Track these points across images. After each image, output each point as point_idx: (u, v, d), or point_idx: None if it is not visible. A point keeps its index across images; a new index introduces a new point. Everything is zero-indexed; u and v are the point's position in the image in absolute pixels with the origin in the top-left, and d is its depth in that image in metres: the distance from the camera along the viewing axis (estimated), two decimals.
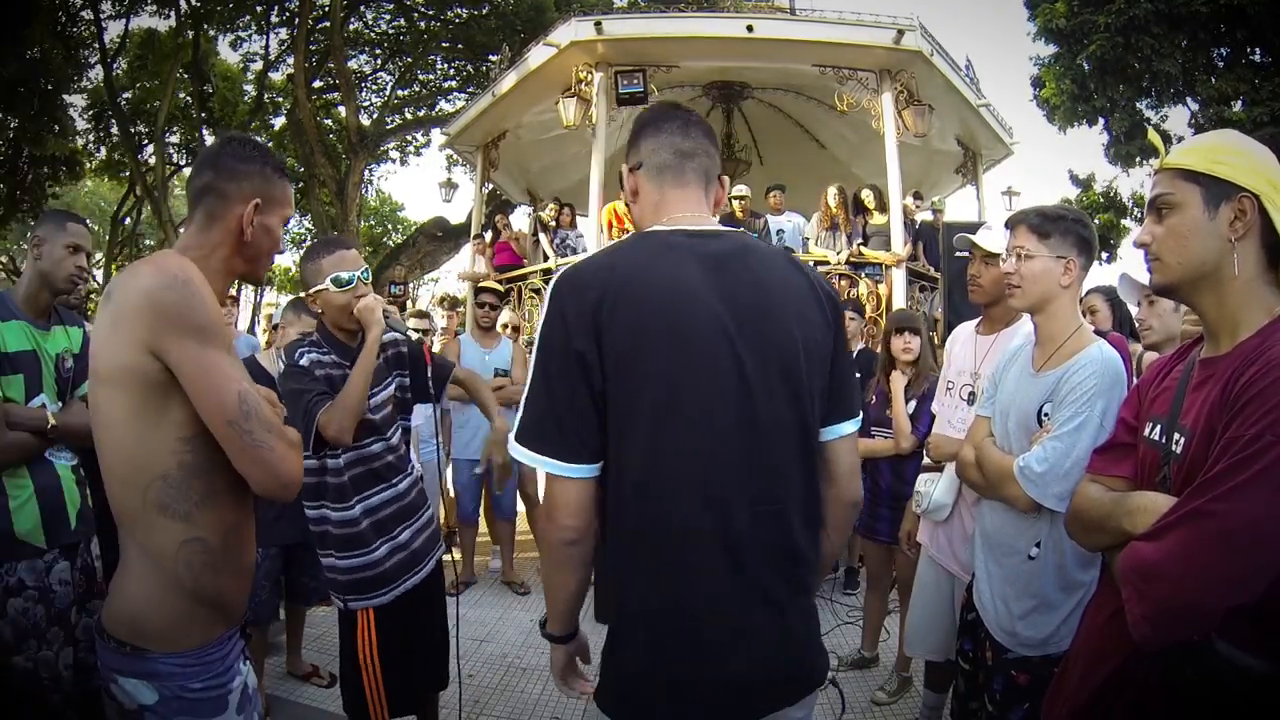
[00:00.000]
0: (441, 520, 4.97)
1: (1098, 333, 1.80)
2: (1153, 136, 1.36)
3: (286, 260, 30.10)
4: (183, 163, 18.14)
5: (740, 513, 1.12)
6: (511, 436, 1.15)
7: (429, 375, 2.27)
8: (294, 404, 1.92)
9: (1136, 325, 2.57)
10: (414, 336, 2.29)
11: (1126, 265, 15.86)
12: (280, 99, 17.95)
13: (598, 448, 1.12)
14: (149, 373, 1.15)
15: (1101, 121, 13.92)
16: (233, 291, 5.23)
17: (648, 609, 1.14)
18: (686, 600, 1.12)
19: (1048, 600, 1.62)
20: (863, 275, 6.44)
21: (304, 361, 2.02)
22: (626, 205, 1.37)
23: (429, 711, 2.39)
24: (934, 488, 2.28)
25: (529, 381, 1.13)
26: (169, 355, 1.14)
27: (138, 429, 1.17)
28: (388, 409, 2.15)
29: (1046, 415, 1.65)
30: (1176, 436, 1.15)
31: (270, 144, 19.45)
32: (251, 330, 8.68)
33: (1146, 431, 1.24)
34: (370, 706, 2.06)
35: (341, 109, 16.76)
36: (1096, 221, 14.58)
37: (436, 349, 5.30)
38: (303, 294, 2.13)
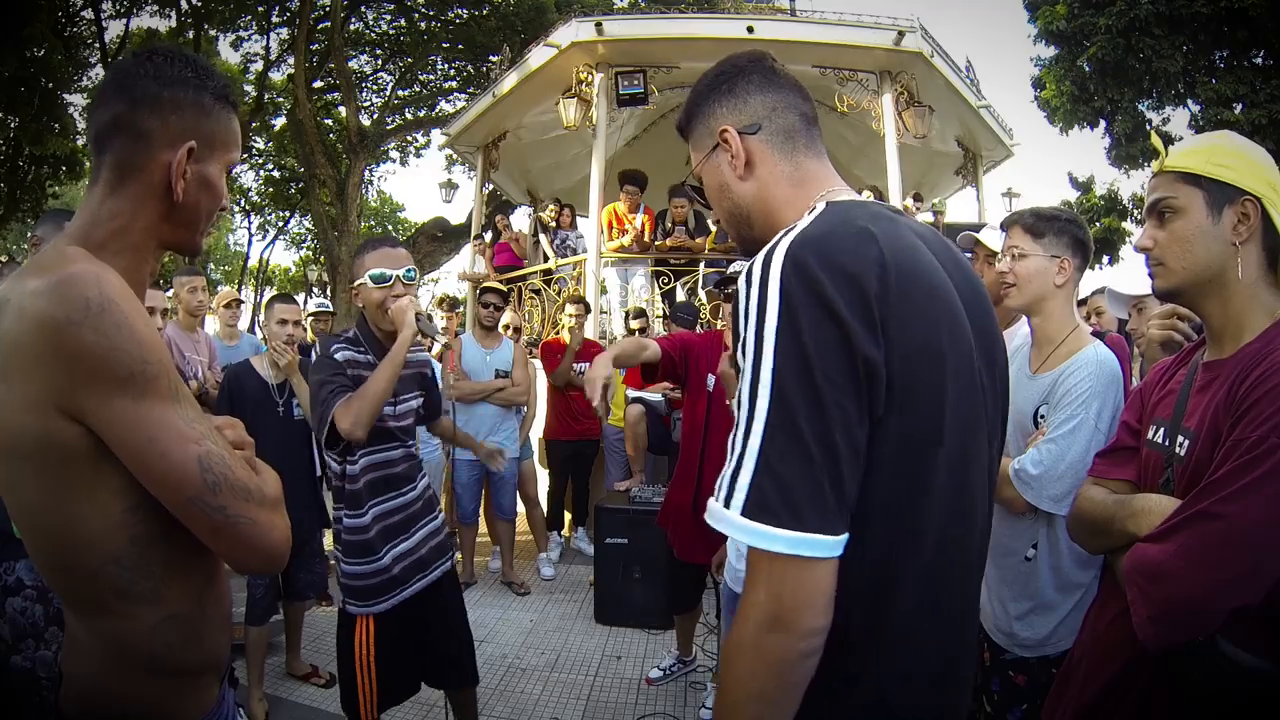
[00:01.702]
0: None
1: (1100, 333, 1.80)
2: (1154, 138, 1.36)
3: (286, 260, 30.16)
4: None
5: (988, 531, 0.95)
6: (729, 509, 0.76)
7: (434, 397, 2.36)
8: (315, 396, 1.95)
9: (1129, 334, 2.58)
10: (442, 341, 2.28)
11: (1128, 267, 15.85)
12: (280, 99, 17.95)
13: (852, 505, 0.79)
14: (65, 441, 0.83)
15: (1103, 123, 13.93)
16: (236, 294, 5.21)
17: (930, 657, 0.87)
18: (964, 637, 0.92)
19: (1045, 601, 1.62)
20: None
21: (339, 356, 2.02)
22: (694, 189, 1.10)
23: (467, 711, 2.38)
24: None
25: (760, 420, 0.76)
26: (92, 419, 0.83)
27: (66, 512, 0.86)
28: (410, 420, 2.16)
29: (1043, 417, 1.65)
30: (1180, 439, 1.15)
31: (270, 144, 19.59)
32: (252, 330, 8.67)
33: (1150, 434, 1.24)
34: (361, 707, 2.07)
35: (342, 109, 16.78)
36: (1100, 225, 14.58)
37: (436, 349, 5.31)
38: (351, 285, 2.15)
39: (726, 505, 0.77)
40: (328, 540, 3.94)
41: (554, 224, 7.48)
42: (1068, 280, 1.69)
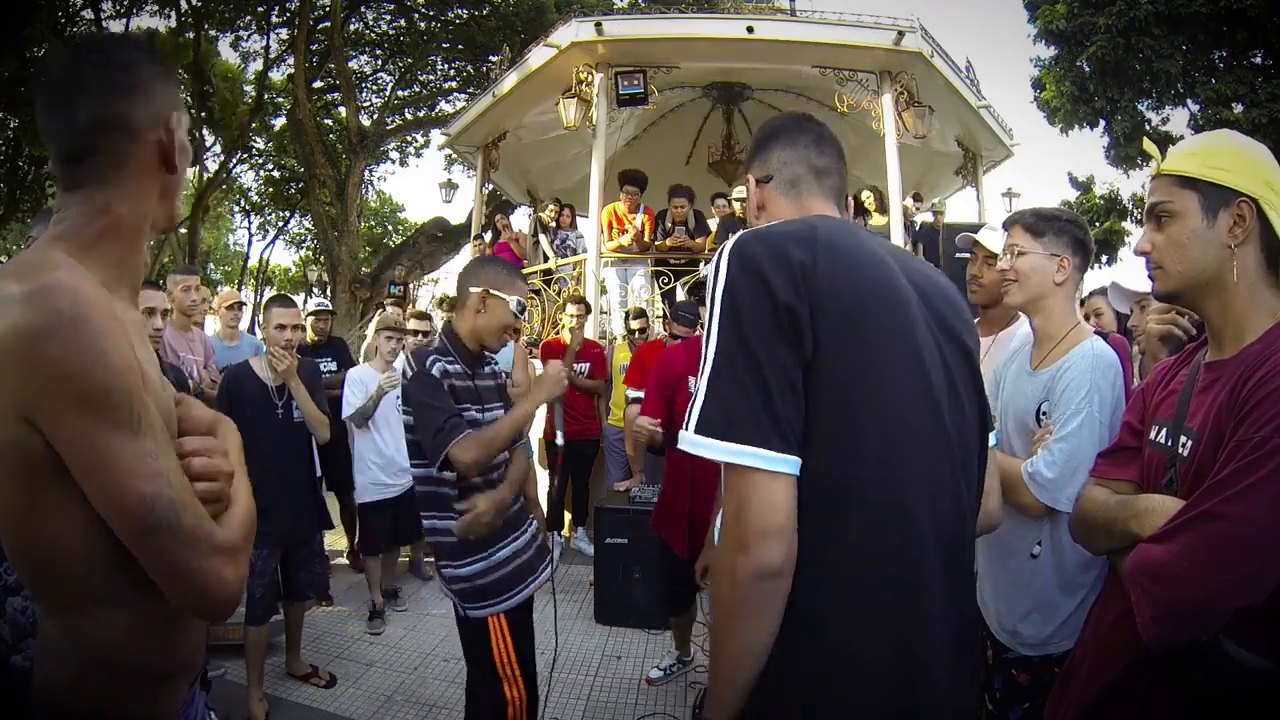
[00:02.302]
0: None
1: (1102, 333, 1.80)
2: (1147, 145, 1.36)
3: (286, 260, 30.15)
4: None
5: (958, 524, 1.00)
6: (688, 430, 0.92)
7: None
8: (425, 416, 2.00)
9: (1130, 330, 2.58)
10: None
11: (1128, 268, 15.86)
12: (280, 99, 17.96)
13: (801, 435, 0.91)
14: (31, 450, 0.81)
15: (1102, 123, 13.93)
16: (239, 295, 5.20)
17: (878, 645, 0.92)
18: (922, 629, 0.93)
19: (1048, 600, 1.62)
20: None
21: (435, 371, 2.05)
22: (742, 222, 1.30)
23: None
24: None
25: (709, 363, 0.94)
26: (49, 432, 0.81)
27: (35, 517, 0.85)
28: None
29: (1045, 414, 1.65)
30: (1183, 439, 1.15)
31: (270, 144, 19.59)
32: (252, 330, 8.67)
33: (1152, 435, 1.24)
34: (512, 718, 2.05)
35: (341, 109, 16.79)
36: (1101, 226, 14.58)
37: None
38: (474, 289, 2.14)
39: (686, 428, 0.93)
40: (328, 540, 3.94)
41: (554, 224, 7.48)
42: (1067, 279, 1.70)
